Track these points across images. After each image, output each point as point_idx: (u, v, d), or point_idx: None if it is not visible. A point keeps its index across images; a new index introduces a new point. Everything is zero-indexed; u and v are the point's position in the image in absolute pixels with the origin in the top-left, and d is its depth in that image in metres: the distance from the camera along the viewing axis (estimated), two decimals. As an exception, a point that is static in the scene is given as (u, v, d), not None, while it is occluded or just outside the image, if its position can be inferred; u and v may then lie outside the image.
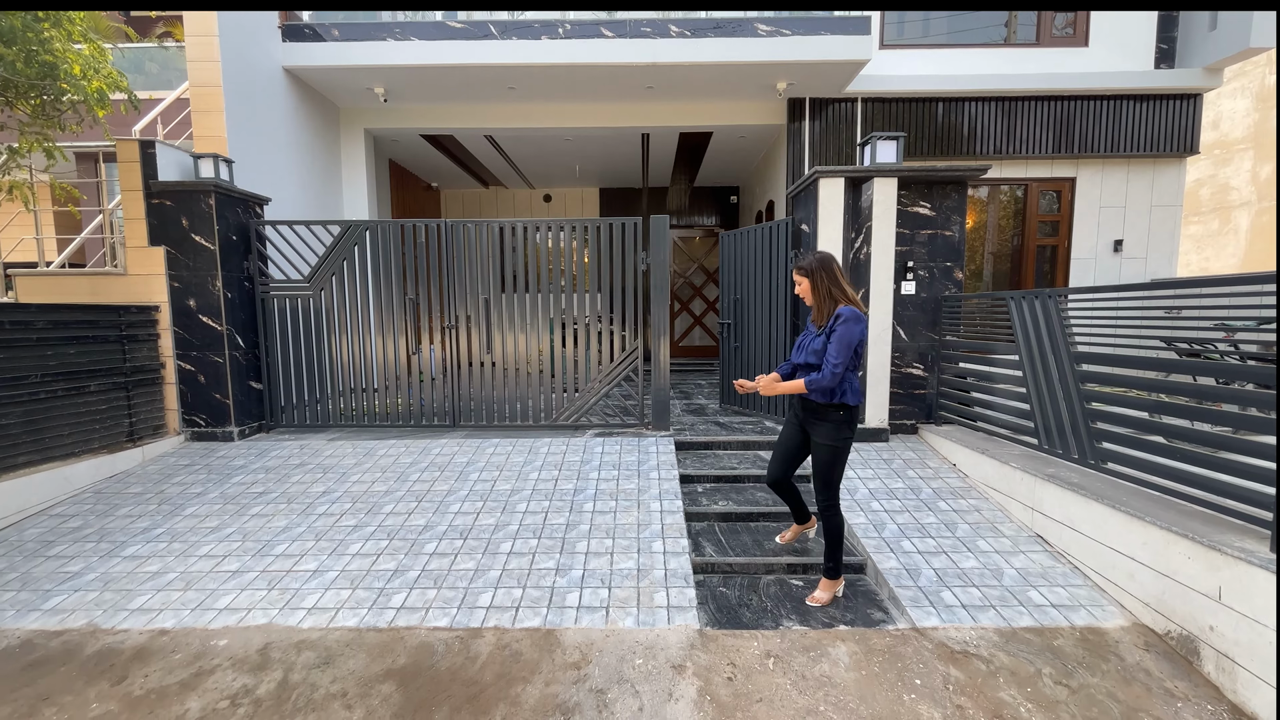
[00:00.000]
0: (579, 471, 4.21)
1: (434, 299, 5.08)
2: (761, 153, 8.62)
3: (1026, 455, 3.68)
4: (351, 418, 5.19)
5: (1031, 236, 7.44)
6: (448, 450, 4.64)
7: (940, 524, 3.49)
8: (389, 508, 3.74)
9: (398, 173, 9.12)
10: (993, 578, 2.99)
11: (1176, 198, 7.40)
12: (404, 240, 5.03)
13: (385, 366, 5.15)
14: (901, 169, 4.42)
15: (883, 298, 4.55)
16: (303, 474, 4.27)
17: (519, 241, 5.01)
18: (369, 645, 2.56)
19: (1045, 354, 3.44)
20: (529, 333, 5.09)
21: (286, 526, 3.54)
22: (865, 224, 4.53)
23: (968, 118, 7.07)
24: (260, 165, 5.72)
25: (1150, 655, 2.47)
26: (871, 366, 4.59)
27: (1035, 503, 3.37)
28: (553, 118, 7.36)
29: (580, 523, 3.52)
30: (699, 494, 4.09)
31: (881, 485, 3.97)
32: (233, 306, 4.87)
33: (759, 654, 2.52)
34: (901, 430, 4.78)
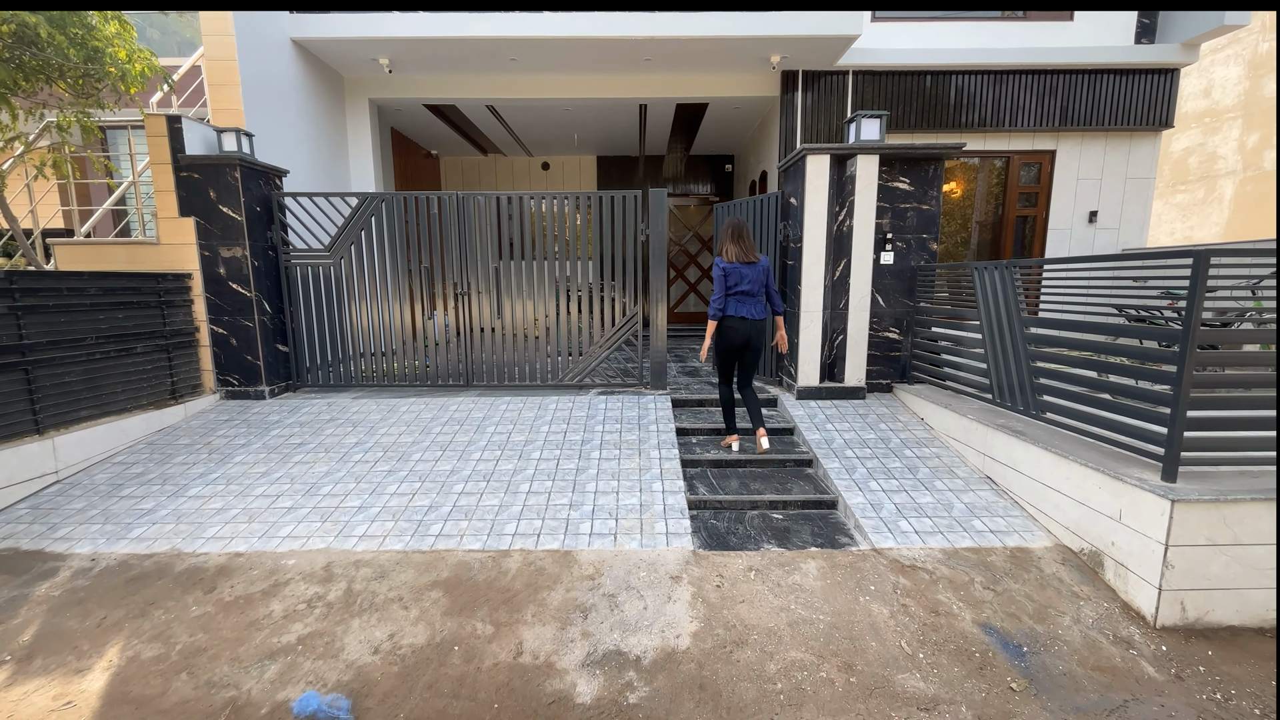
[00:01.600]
0: (585, 425, 4.67)
1: (445, 267, 5.44)
2: (756, 123, 8.85)
3: (983, 409, 4.16)
4: (371, 379, 5.61)
5: (1011, 207, 7.79)
6: (464, 407, 5.08)
7: (904, 468, 3.99)
8: (417, 455, 4.20)
9: (399, 141, 9.30)
10: (944, 511, 3.49)
11: (1150, 170, 7.75)
12: (417, 211, 5.36)
13: (402, 330, 5.54)
14: (884, 146, 4.77)
15: (863, 267, 4.95)
16: (334, 428, 4.71)
17: (523, 212, 5.34)
18: (415, 563, 3.05)
19: (1002, 319, 3.88)
20: (535, 299, 5.48)
21: (328, 471, 4.00)
22: (849, 198, 4.90)
23: (955, 90, 7.33)
24: (274, 137, 5.96)
25: (1065, 568, 3.00)
26: (851, 331, 5.02)
27: (987, 449, 3.87)
28: (553, 88, 7.56)
29: (589, 468, 4.00)
30: (693, 444, 4.57)
31: (855, 436, 4.46)
32: (259, 274, 5.22)
33: (743, 568, 3.03)
34: (877, 389, 5.25)
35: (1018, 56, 7.17)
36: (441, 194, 5.30)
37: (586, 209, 5.35)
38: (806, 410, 4.93)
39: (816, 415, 4.83)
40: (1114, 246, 7.87)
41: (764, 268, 4.18)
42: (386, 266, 5.44)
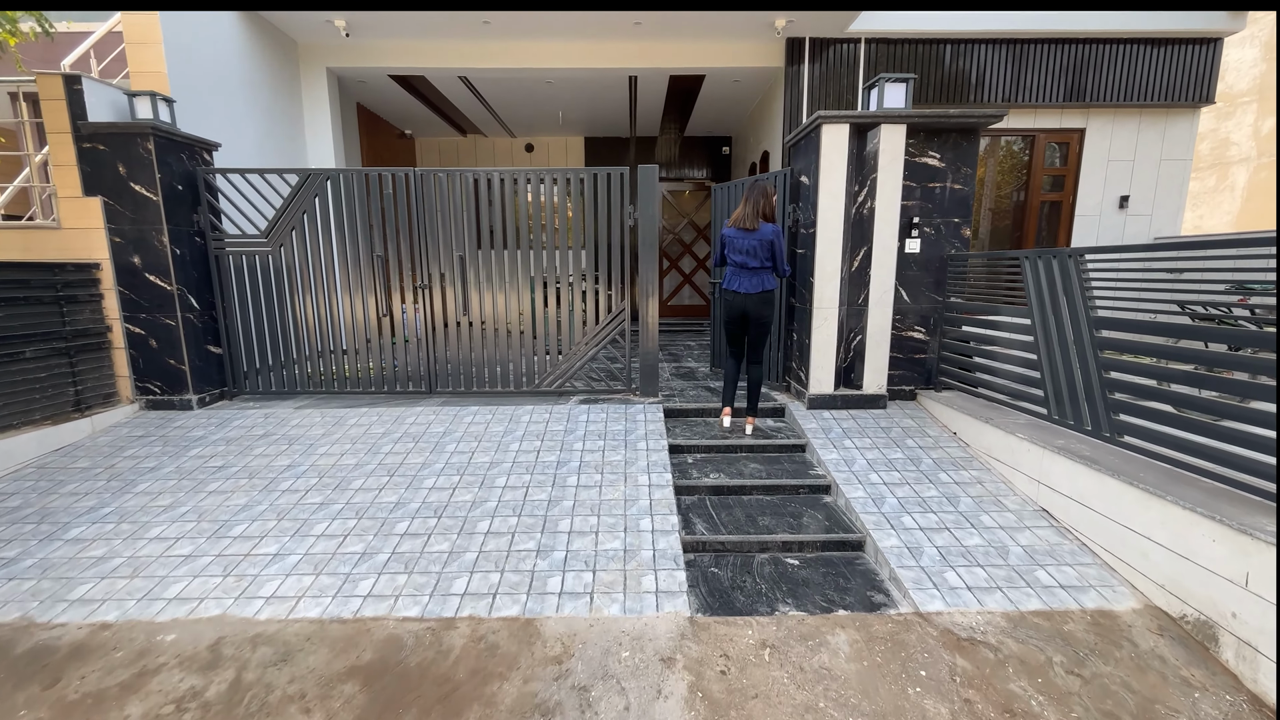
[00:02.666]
0: (562, 442, 3.98)
1: (406, 256, 4.71)
2: (756, 99, 8.11)
3: (1033, 425, 3.50)
4: (321, 384, 4.88)
5: (1036, 192, 7.13)
6: (423, 419, 4.37)
7: (942, 497, 3.33)
8: (358, 483, 3.50)
9: (367, 119, 8.50)
10: (998, 556, 2.84)
11: (1187, 151, 7.10)
12: (369, 191, 4.61)
13: (354, 329, 4.81)
14: (912, 115, 4.06)
15: (886, 257, 4.27)
16: (266, 445, 3.99)
17: (496, 193, 4.61)
18: (332, 639, 2.36)
19: (1061, 318, 3.20)
20: (509, 292, 4.76)
21: (246, 504, 3.29)
22: (870, 175, 4.20)
23: (976, 62, 6.63)
24: (211, 107, 5.20)
25: (1165, 641, 2.34)
26: (871, 330, 4.34)
27: (1042, 475, 3.21)
28: (533, 57, 6.79)
29: (563, 499, 3.31)
30: (689, 465, 3.89)
31: (880, 455, 3.79)
32: (183, 264, 4.47)
33: (754, 644, 2.36)
34: (900, 396, 4.58)
35: (1046, 23, 6.47)
36: (395, 170, 4.56)
37: (565, 189, 4.62)
38: (820, 422, 4.26)
39: (832, 428, 4.16)
40: (1146, 234, 7.23)
41: (763, 239, 3.88)
42: (334, 255, 4.70)
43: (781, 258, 3.91)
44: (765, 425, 4.43)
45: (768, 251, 3.88)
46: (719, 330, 5.63)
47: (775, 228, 3.88)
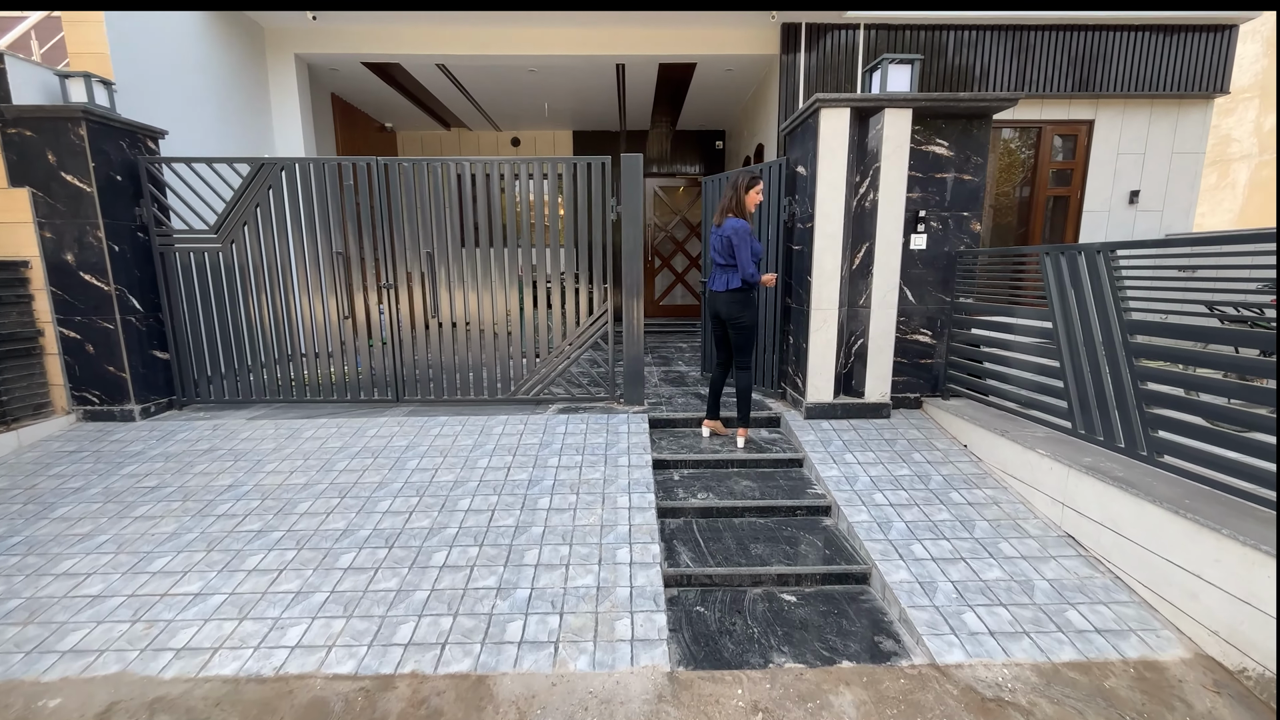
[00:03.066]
0: (536, 458, 3.62)
1: (370, 252, 4.33)
2: (750, 90, 7.76)
3: (1054, 439, 3.17)
4: (278, 392, 4.50)
5: (1042, 187, 6.80)
6: (385, 431, 4.00)
7: (954, 520, 2.99)
8: (304, 506, 3.13)
9: (344, 110, 8.10)
10: (1022, 592, 2.50)
11: (1200, 144, 6.79)
12: (327, 183, 4.23)
13: (314, 332, 4.43)
14: (919, 98, 3.72)
15: (890, 253, 3.92)
16: (209, 462, 3.62)
17: (467, 185, 4.24)
18: (245, 703, 1.99)
19: (1089, 321, 2.87)
20: (482, 293, 4.39)
21: (175, 533, 2.92)
22: (873, 165, 3.85)
23: (981, 50, 6.29)
24: (162, 92, 4.80)
25: (1224, 701, 2.01)
26: (873, 333, 4.00)
27: (1067, 496, 2.87)
28: (514, 44, 6.41)
29: (533, 524, 2.95)
30: (675, 483, 3.54)
31: (885, 472, 3.45)
32: (123, 262, 4.08)
33: (744, 707, 2.00)
34: (904, 405, 4.24)
35: (1053, 10, 6.13)
36: (356, 159, 4.18)
37: (541, 179, 4.26)
38: (818, 433, 3.92)
39: (831, 441, 3.82)
40: (1156, 231, 6.91)
41: (722, 234, 3.66)
42: (290, 252, 4.32)
43: (742, 258, 3.55)
44: (759, 437, 4.08)
45: (727, 247, 3.62)
46: (708, 333, 5.28)
47: (738, 224, 3.58)
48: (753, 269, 3.56)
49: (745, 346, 3.75)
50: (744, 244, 3.54)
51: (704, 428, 4.11)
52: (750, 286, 3.64)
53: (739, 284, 3.62)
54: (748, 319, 3.67)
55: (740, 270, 3.58)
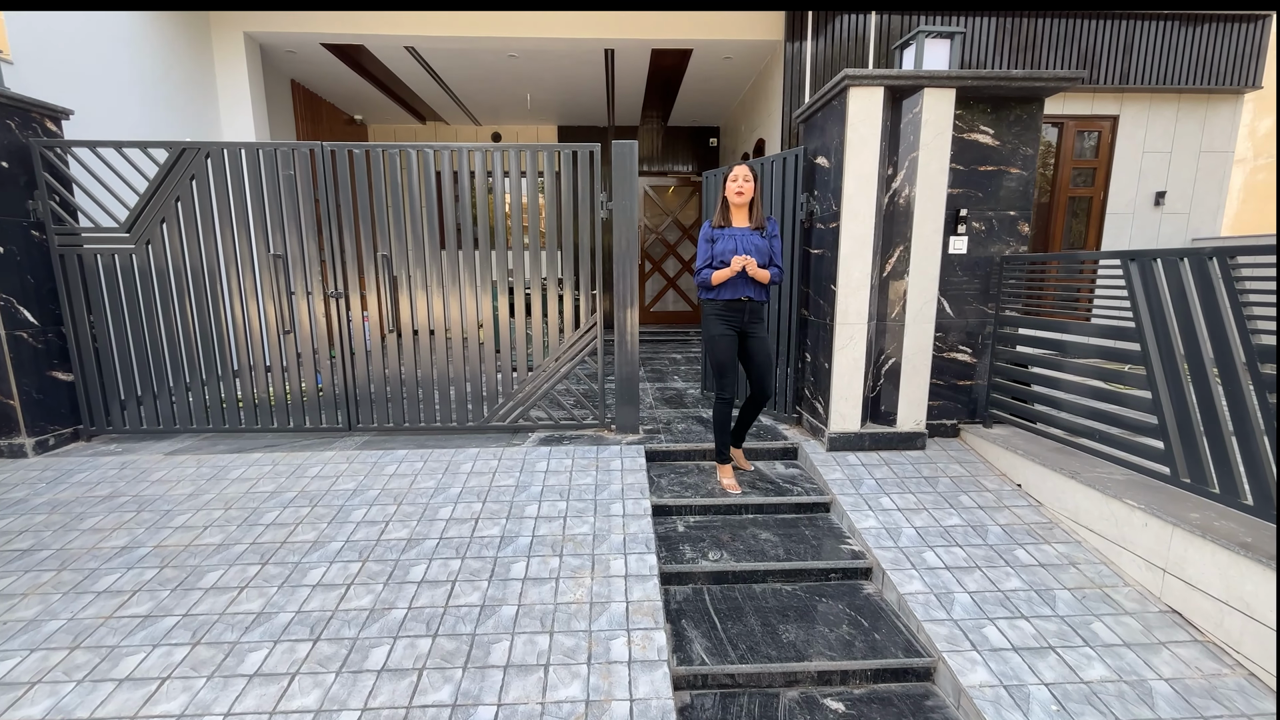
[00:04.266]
0: (511, 505, 2.98)
1: (319, 254, 3.67)
2: (749, 81, 7.20)
3: (1142, 486, 2.61)
4: (209, 418, 3.82)
5: (1064, 187, 6.33)
6: (331, 470, 3.34)
7: (1029, 590, 2.42)
8: (212, 578, 2.46)
9: (306, 100, 7.40)
10: (1138, 699, 1.92)
11: (1229, 143, 6.37)
12: (263, 172, 3.56)
13: (250, 347, 3.76)
14: (964, 76, 3.16)
15: (928, 259, 3.36)
16: (106, 514, 2.93)
17: (432, 176, 3.61)
18: None
19: (1196, 344, 2.31)
20: (449, 301, 3.75)
21: (35, 619, 2.24)
22: (910, 155, 3.28)
23: (998, 38, 5.79)
24: (76, 68, 4.10)
25: None
26: (907, 351, 3.44)
27: (1170, 563, 2.31)
28: (492, 25, 5.78)
29: (504, 602, 2.32)
30: (680, 537, 2.92)
31: (931, 521, 2.87)
32: (11, 265, 3.38)
33: None
34: (940, 432, 3.68)
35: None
36: (296, 144, 3.52)
37: (519, 170, 3.63)
38: (845, 469, 3.34)
39: (862, 480, 3.24)
40: (1182, 234, 6.48)
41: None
42: (220, 253, 3.64)
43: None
44: (775, 472, 3.49)
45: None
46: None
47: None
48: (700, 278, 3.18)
49: (770, 365, 3.25)
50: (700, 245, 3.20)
51: (722, 478, 3.42)
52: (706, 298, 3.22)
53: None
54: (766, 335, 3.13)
55: (779, 276, 3.21)
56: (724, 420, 3.22)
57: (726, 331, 3.12)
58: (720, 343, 3.12)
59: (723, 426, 3.23)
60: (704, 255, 3.13)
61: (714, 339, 3.14)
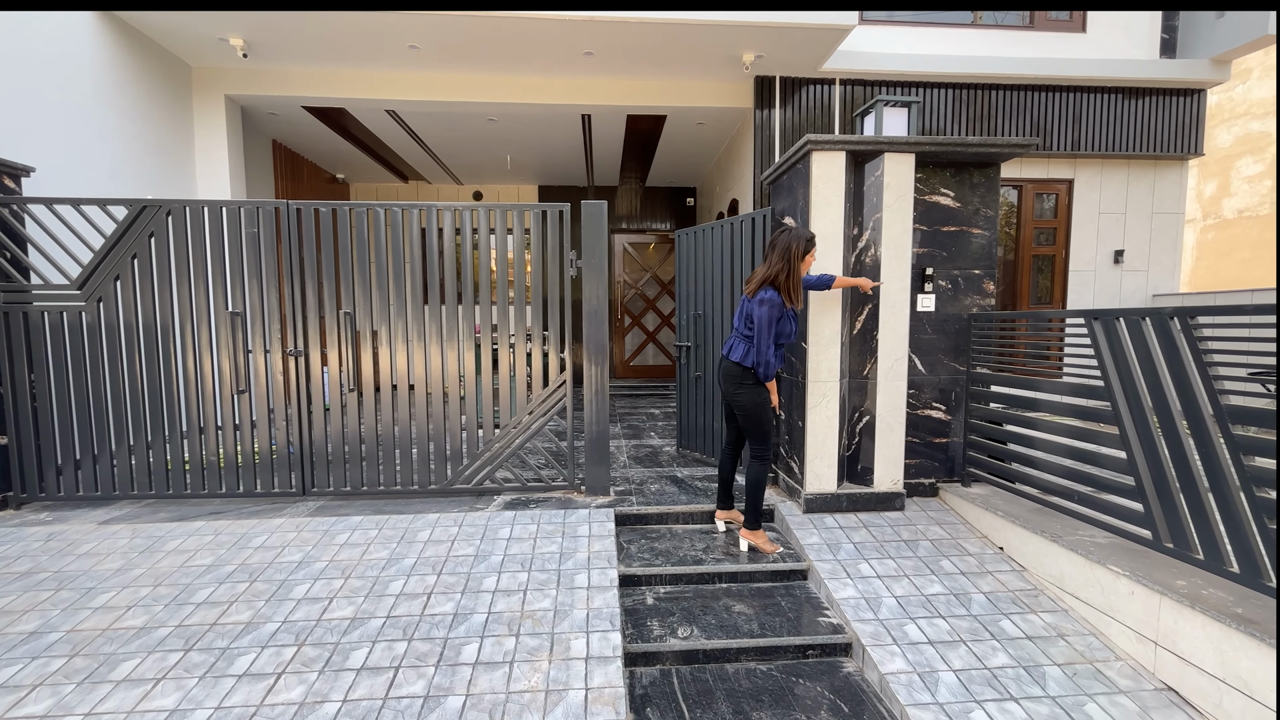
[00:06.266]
0: (468, 578, 2.79)
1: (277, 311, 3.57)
2: (722, 145, 7.47)
3: (1125, 550, 2.52)
4: (151, 483, 3.59)
5: (1027, 245, 6.54)
6: (278, 539, 3.12)
7: (1016, 665, 2.27)
8: (126, 668, 2.22)
9: (288, 159, 7.49)
10: (1141, 795, 1.76)
11: (1179, 204, 6.68)
12: (225, 230, 3.50)
13: (200, 406, 3.58)
14: (921, 142, 3.26)
15: (896, 316, 3.36)
16: (21, 592, 2.67)
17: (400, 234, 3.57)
18: None
19: (1166, 404, 2.28)
20: (414, 359, 3.64)
21: (-89, 723, 1.97)
22: (873, 216, 3.34)
23: (954, 108, 6.10)
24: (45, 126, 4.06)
25: None
26: (880, 409, 3.38)
27: (1161, 635, 2.20)
28: (471, 90, 5.96)
29: (450, 692, 2.11)
30: (648, 611, 2.74)
31: (912, 590, 2.73)
32: (-51, 324, 3.22)
33: None
34: (918, 492, 3.59)
35: (1029, 68, 6.02)
36: (262, 202, 3.49)
37: (488, 228, 3.62)
38: (823, 533, 3.21)
39: (840, 544, 3.10)
40: (1143, 291, 6.68)
41: (749, 304, 3.05)
42: (175, 310, 3.53)
43: (760, 339, 2.94)
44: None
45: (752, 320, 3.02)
46: (685, 402, 4.60)
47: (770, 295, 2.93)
48: (771, 357, 2.94)
49: (754, 430, 3.07)
50: (769, 322, 2.91)
51: (717, 521, 3.43)
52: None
53: (750, 361, 2.98)
54: (745, 398, 3.01)
55: (755, 352, 2.96)
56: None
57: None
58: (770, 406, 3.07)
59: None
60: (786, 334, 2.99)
61: (767, 404, 3.04)
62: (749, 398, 3.00)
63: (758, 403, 2.99)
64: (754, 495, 3.08)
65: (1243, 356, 2.09)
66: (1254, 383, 2.76)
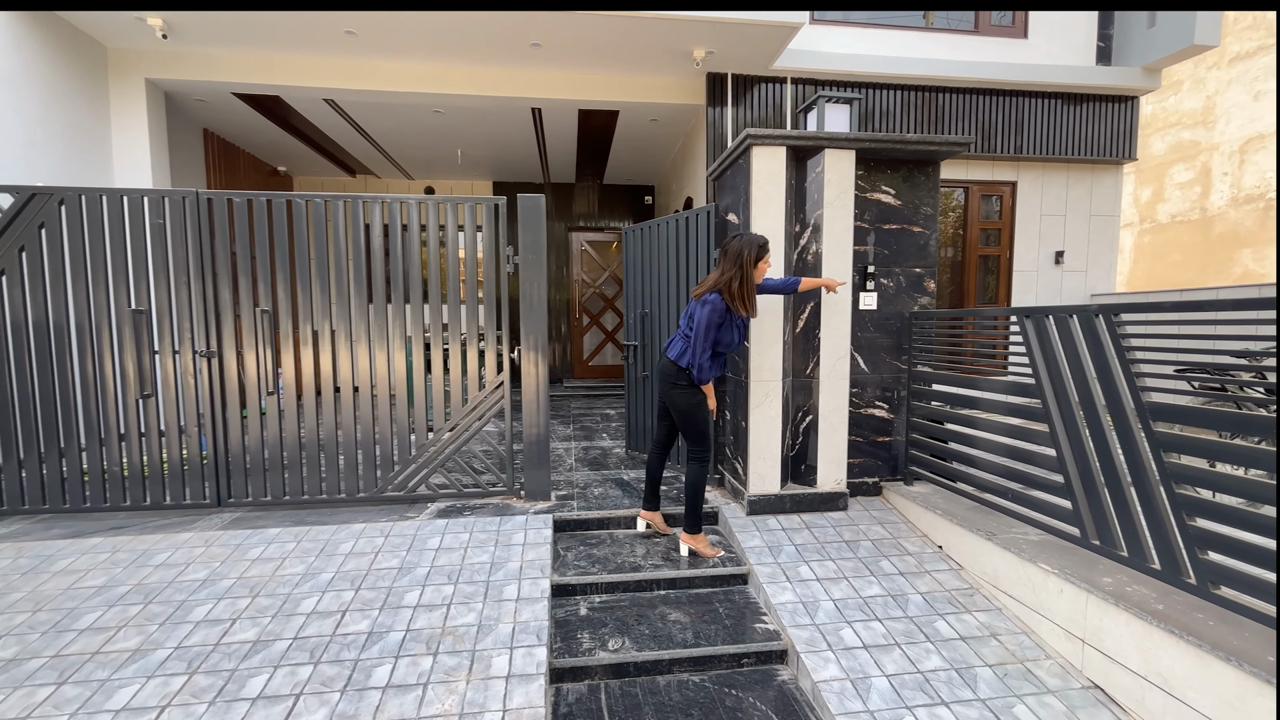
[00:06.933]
0: (389, 592, 2.62)
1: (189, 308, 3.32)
2: (678, 142, 7.40)
3: (1056, 548, 2.53)
4: (45, 497, 3.28)
5: (973, 246, 6.67)
6: (182, 555, 2.89)
7: (949, 669, 2.23)
8: (-15, 707, 1.98)
9: (222, 150, 7.08)
10: (1064, 800, 1.73)
11: (1114, 208, 6.92)
12: (127, 222, 3.23)
13: (98, 412, 3.30)
14: (861, 139, 3.24)
15: (839, 314, 3.33)
16: (-128, 624, 2.38)
17: (322, 226, 3.36)
18: None
19: (1092, 401, 2.28)
20: (338, 358, 3.44)
21: None
22: (815, 213, 3.30)
23: (903, 109, 6.16)
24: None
25: None
26: (823, 409, 3.34)
27: (1088, 633, 2.19)
28: (414, 80, 5.73)
29: (357, 717, 1.94)
30: (580, 622, 2.62)
31: (851, 592, 2.68)
32: None
33: None
34: (862, 491, 3.57)
35: (974, 71, 6.14)
36: (170, 191, 3.23)
37: (419, 224, 3.44)
38: (764, 535, 3.14)
39: (781, 547, 3.04)
40: (1082, 290, 6.89)
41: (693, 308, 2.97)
42: (69, 309, 3.24)
43: (696, 344, 2.85)
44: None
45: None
46: (636, 401, 4.51)
47: (713, 298, 2.84)
48: (706, 361, 2.85)
49: (689, 431, 2.98)
50: (708, 326, 2.81)
51: (639, 520, 3.29)
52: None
53: (686, 362, 2.90)
54: (680, 399, 2.92)
55: (690, 354, 2.87)
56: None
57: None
58: (707, 407, 2.99)
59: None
60: (726, 344, 2.89)
61: (703, 405, 2.97)
62: (683, 399, 2.92)
63: (692, 404, 2.91)
64: (692, 498, 3.00)
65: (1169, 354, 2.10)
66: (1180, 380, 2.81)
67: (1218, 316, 3.79)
